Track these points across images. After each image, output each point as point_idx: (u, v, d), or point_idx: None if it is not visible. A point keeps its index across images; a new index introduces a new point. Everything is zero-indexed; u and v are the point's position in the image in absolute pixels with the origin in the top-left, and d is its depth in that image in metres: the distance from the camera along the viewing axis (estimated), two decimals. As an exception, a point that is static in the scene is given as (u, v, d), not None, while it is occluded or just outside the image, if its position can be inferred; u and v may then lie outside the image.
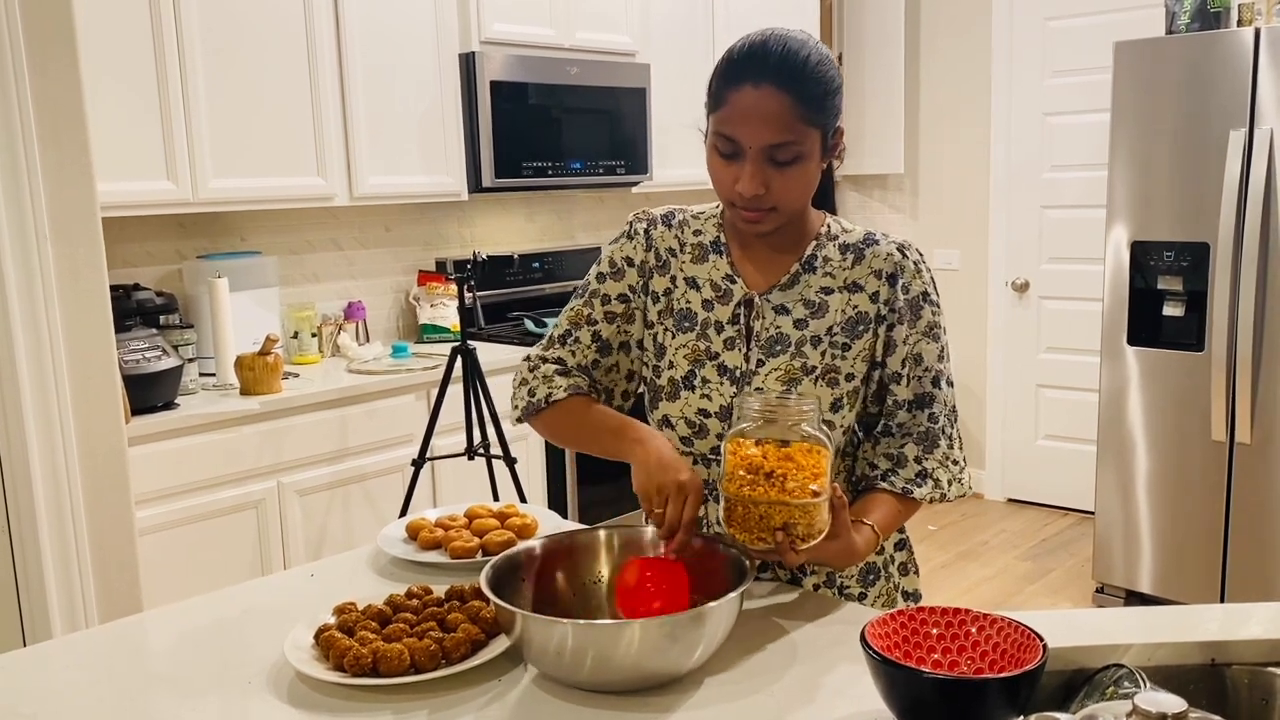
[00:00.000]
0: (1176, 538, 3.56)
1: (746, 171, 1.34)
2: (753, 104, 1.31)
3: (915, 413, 1.46)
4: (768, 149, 1.32)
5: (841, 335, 1.44)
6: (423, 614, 1.32)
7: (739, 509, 1.24)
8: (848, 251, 1.47)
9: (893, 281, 1.45)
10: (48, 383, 2.23)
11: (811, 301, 1.45)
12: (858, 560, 1.37)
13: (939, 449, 1.47)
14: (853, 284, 1.45)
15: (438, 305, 3.79)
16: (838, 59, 5.06)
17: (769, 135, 1.31)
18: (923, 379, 1.46)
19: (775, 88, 1.31)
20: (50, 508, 2.25)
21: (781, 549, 1.24)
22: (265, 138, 3.09)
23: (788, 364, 1.43)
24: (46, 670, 1.31)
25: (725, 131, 1.34)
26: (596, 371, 1.55)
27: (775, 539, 1.23)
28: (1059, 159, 4.64)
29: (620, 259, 1.54)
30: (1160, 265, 3.49)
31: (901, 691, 1.01)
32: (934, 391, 1.46)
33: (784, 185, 1.35)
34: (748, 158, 1.33)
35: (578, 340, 1.54)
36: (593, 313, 1.53)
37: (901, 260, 1.45)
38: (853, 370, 1.44)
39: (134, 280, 3.16)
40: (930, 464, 1.46)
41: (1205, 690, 1.13)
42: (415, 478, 3.05)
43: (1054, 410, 4.81)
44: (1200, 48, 3.34)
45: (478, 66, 3.50)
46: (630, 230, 1.54)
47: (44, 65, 2.18)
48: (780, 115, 1.31)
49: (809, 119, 1.33)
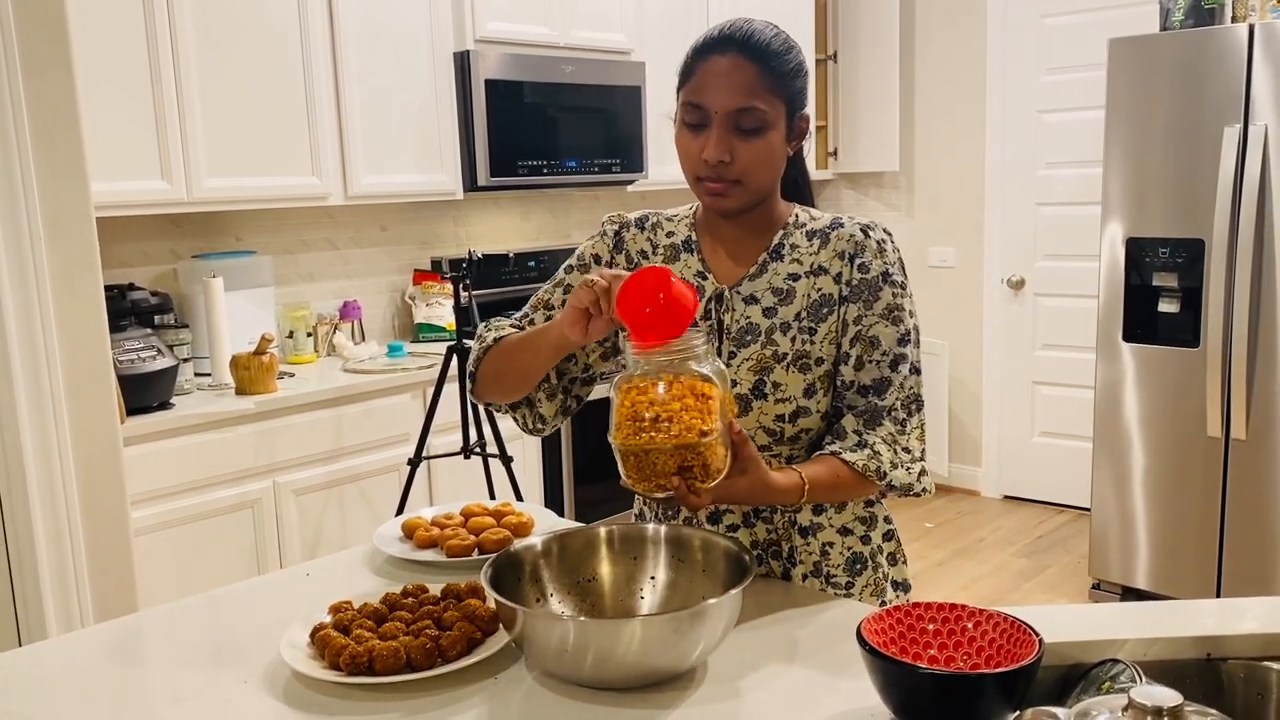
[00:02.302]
0: (1172, 533, 3.56)
1: (712, 137, 1.37)
2: (720, 70, 1.36)
3: (868, 396, 1.43)
4: (733, 114, 1.36)
5: (808, 320, 1.44)
6: (419, 612, 1.32)
7: (631, 459, 1.21)
8: (814, 237, 1.48)
9: (852, 260, 1.45)
10: (42, 383, 2.22)
11: (779, 289, 1.46)
12: (777, 498, 1.34)
13: (883, 427, 1.42)
14: (818, 268, 1.46)
15: (433, 304, 3.79)
16: (832, 57, 5.12)
17: (735, 99, 1.35)
18: (880, 363, 1.43)
19: (741, 56, 1.36)
20: (46, 508, 2.25)
21: (680, 493, 1.21)
22: (260, 137, 3.08)
23: (759, 353, 1.44)
24: (42, 670, 1.30)
25: (693, 100, 1.38)
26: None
27: (672, 484, 1.20)
28: (1054, 156, 4.64)
29: (589, 255, 1.58)
30: (1155, 262, 3.50)
31: (898, 687, 1.01)
32: (890, 375, 1.43)
33: (749, 155, 1.37)
34: (714, 124, 1.36)
35: (532, 321, 1.57)
36: (552, 299, 1.57)
37: (863, 240, 1.45)
38: (822, 354, 1.44)
39: (129, 280, 3.15)
40: (871, 438, 1.41)
41: (1201, 685, 1.13)
42: (411, 477, 3.05)
43: (1050, 407, 4.82)
44: (1194, 44, 3.34)
45: (472, 65, 3.50)
46: (602, 230, 1.58)
47: (38, 65, 2.17)
48: (746, 82, 1.36)
49: (774, 89, 1.37)
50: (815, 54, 5.03)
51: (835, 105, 5.21)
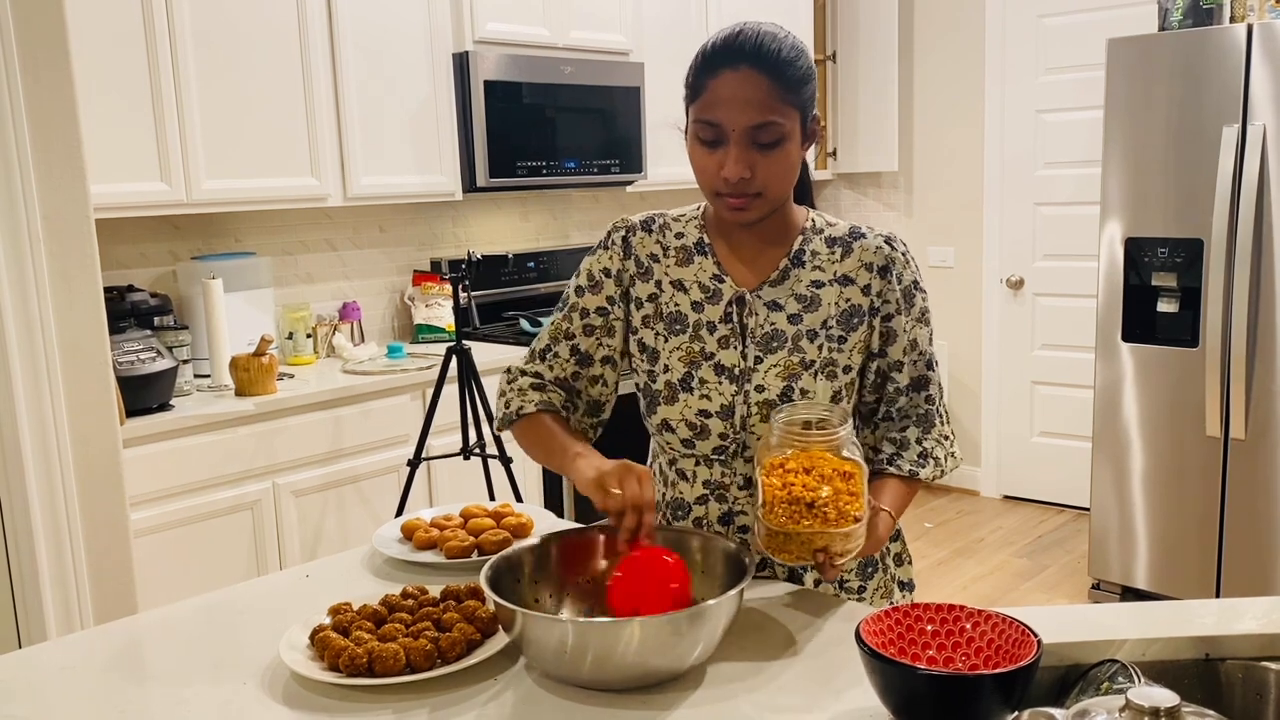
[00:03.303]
0: (1171, 533, 3.57)
1: (731, 155, 1.35)
2: (733, 87, 1.33)
3: (913, 395, 1.51)
4: (750, 130, 1.34)
5: (838, 329, 1.45)
6: (418, 614, 1.32)
7: (780, 538, 1.25)
8: (835, 245, 1.48)
9: (885, 274, 1.47)
10: (42, 385, 2.22)
11: (803, 296, 1.46)
12: (880, 548, 1.42)
13: (935, 428, 1.52)
14: (844, 277, 1.47)
15: (433, 305, 3.79)
16: (831, 57, 5.12)
17: (751, 116, 1.33)
18: (918, 363, 1.51)
19: (754, 70, 1.33)
20: (45, 510, 2.25)
21: (823, 569, 1.27)
22: (259, 138, 3.08)
23: (786, 359, 1.44)
24: (42, 671, 1.31)
25: (707, 118, 1.36)
26: (579, 383, 1.57)
27: (816, 559, 1.26)
28: (1053, 156, 4.65)
29: (598, 271, 1.54)
30: (1154, 262, 3.50)
31: (896, 688, 1.01)
32: (928, 374, 1.51)
33: (768, 168, 1.37)
34: (731, 141, 1.35)
35: (556, 355, 1.56)
36: (571, 326, 1.55)
37: (891, 253, 1.48)
38: (849, 363, 1.46)
39: (128, 282, 3.15)
40: (929, 443, 1.50)
41: (1199, 685, 1.13)
42: (411, 478, 3.05)
43: (1049, 407, 4.82)
44: (1193, 44, 3.35)
45: (471, 66, 3.50)
46: (607, 240, 1.55)
47: (36, 67, 2.17)
48: (761, 96, 1.33)
49: (789, 99, 1.35)
50: (814, 54, 5.01)
51: (834, 105, 5.21)
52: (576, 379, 1.56)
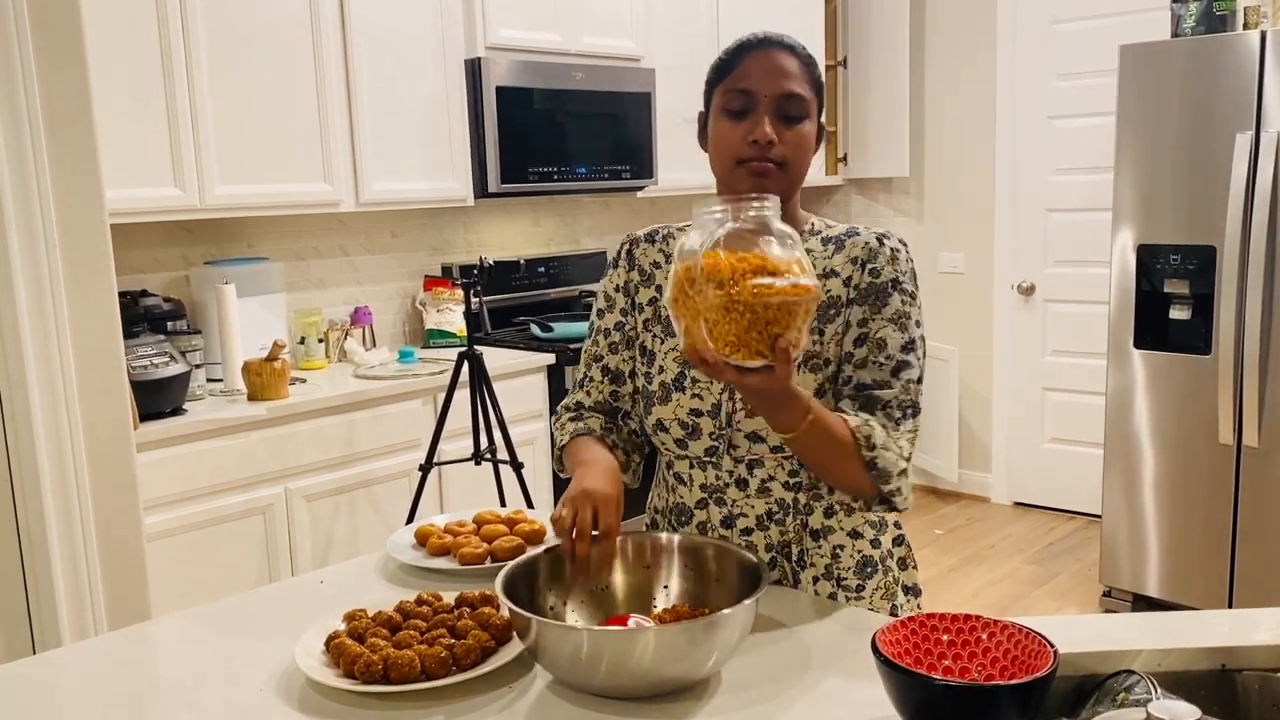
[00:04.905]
0: (1184, 541, 3.55)
1: (761, 119, 1.40)
2: (766, 60, 1.41)
3: (867, 392, 1.42)
4: (780, 99, 1.40)
5: (816, 320, 1.45)
6: (433, 620, 1.32)
7: (746, 317, 1.10)
8: (829, 244, 1.50)
9: (863, 266, 1.46)
10: (56, 389, 2.24)
11: None
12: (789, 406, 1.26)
13: (878, 415, 1.40)
14: (830, 271, 1.47)
15: (444, 310, 3.80)
16: (842, 63, 5.12)
17: (783, 84, 1.40)
18: (883, 366, 1.42)
19: (782, 51, 1.42)
20: (59, 514, 2.26)
21: (780, 355, 1.13)
22: (272, 144, 3.10)
23: None
24: (56, 678, 1.31)
25: (738, 87, 1.41)
26: (619, 401, 1.61)
27: (776, 346, 1.13)
28: (1064, 162, 4.64)
29: (611, 290, 1.61)
30: (1166, 268, 3.49)
31: (912, 698, 1.01)
32: (890, 379, 1.42)
33: (793, 140, 1.41)
34: (761, 108, 1.40)
35: (591, 379, 1.62)
36: (598, 349, 1.61)
37: (877, 247, 1.47)
38: (829, 355, 1.46)
39: (141, 286, 3.17)
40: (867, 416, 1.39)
41: (1215, 696, 1.13)
42: (422, 483, 3.06)
43: (1060, 413, 4.81)
44: (1206, 51, 3.34)
45: (483, 72, 3.51)
46: (616, 259, 1.62)
47: (51, 73, 2.19)
48: (792, 70, 1.41)
49: (812, 86, 1.43)
50: (825, 60, 5.03)
51: (845, 111, 5.21)
52: (616, 398, 1.61)
